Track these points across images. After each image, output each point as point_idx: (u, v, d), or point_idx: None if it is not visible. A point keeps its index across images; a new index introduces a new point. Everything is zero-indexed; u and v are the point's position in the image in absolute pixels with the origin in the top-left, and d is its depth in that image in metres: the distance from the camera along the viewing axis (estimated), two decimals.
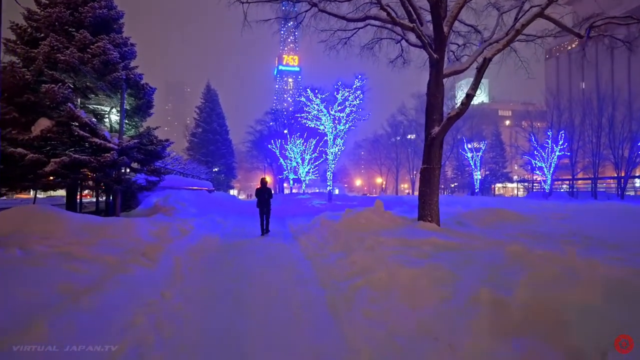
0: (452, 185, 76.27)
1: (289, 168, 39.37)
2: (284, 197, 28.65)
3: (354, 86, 20.26)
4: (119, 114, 13.79)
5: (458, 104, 9.03)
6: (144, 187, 13.71)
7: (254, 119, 56.06)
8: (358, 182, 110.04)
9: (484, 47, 10.56)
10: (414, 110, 58.52)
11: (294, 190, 48.34)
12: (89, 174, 12.01)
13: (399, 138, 66.54)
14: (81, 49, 12.10)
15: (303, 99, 21.56)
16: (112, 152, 11.30)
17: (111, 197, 13.86)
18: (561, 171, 45.12)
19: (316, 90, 21.51)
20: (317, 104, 21.00)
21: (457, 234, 7.46)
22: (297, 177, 40.66)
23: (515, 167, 72.45)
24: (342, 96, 20.50)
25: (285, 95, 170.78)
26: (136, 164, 14.36)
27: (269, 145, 40.90)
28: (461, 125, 55.76)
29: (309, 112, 21.34)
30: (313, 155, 34.46)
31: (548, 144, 34.85)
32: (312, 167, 35.11)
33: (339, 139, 21.40)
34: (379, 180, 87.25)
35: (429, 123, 9.08)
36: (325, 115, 20.93)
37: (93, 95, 12.74)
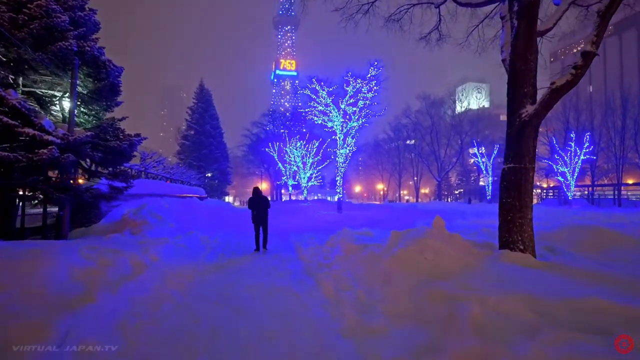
0: (456, 192, 73.51)
1: (288, 173, 36.19)
2: (283, 205, 25.45)
3: (368, 75, 17.14)
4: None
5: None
6: (105, 195, 10.48)
7: (250, 122, 52.95)
8: (357, 189, 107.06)
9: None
10: (419, 112, 55.59)
11: (292, 197, 45.10)
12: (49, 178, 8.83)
13: (401, 142, 63.57)
14: (15, 8, 8.97)
15: (307, 91, 18.44)
16: (50, 147, 8.08)
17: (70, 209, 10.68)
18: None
19: (322, 83, 18.40)
20: (324, 97, 17.85)
21: (595, 277, 4.31)
22: (296, 183, 37.52)
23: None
24: (353, 88, 17.41)
25: (282, 100, 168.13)
26: (105, 168, 11.19)
27: (267, 149, 37.71)
28: (468, 129, 53.02)
29: (315, 107, 18.17)
30: (316, 159, 31.28)
31: (571, 146, 31.92)
32: (315, 172, 31.89)
33: (349, 138, 18.21)
34: (380, 186, 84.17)
35: (517, 100, 5.97)
36: (334, 110, 17.76)
37: (34, 74, 9.56)
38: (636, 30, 64.18)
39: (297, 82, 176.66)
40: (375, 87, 17.48)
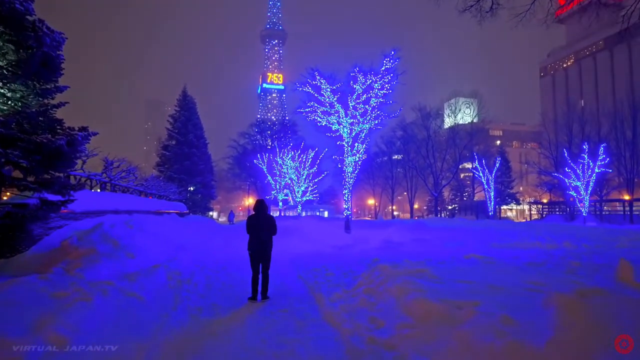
0: (450, 208, 71.22)
1: (278, 187, 33.00)
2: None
3: (382, 69, 14.23)
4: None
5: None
6: (29, 213, 7.21)
7: (237, 133, 49.76)
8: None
9: None
10: (414, 124, 53.42)
11: (282, 214, 41.73)
12: None
13: (395, 156, 61.15)
14: None
15: (309, 88, 15.36)
16: None
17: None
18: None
19: (322, 81, 15.34)
20: (328, 95, 14.82)
21: None
22: (286, 197, 34.36)
23: (521, 188, 68.00)
24: (362, 85, 14.50)
25: (269, 114, 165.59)
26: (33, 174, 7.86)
27: (255, 161, 34.50)
28: (466, 142, 51.13)
29: (317, 107, 15.06)
30: (311, 171, 28.19)
31: (584, 159, 29.77)
32: (312, 185, 28.75)
33: (358, 144, 15.13)
34: (371, 201, 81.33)
35: None
36: (340, 110, 14.69)
37: None
38: (627, 45, 64.21)
39: (284, 96, 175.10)
40: (388, 85, 14.60)
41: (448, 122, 61.10)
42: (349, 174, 15.48)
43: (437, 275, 5.57)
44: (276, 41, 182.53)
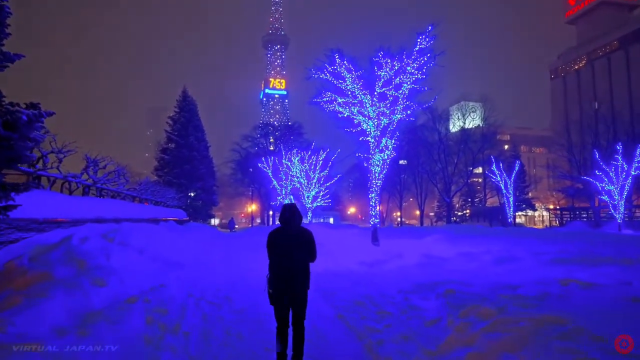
0: (460, 214, 68.76)
1: (284, 192, 30.69)
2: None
3: (416, 48, 11.90)
4: None
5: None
6: None
7: (239, 136, 47.52)
8: (351, 210, 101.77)
9: None
10: (425, 127, 51.11)
11: None
12: None
13: (401, 161, 58.77)
14: None
15: (327, 75, 12.99)
16: None
17: None
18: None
19: (345, 63, 12.94)
20: (350, 83, 12.48)
21: None
22: (293, 202, 32.03)
23: (530, 194, 65.62)
24: (390, 70, 12.21)
25: (271, 119, 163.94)
26: None
27: (260, 164, 32.24)
28: (481, 144, 48.92)
29: (337, 97, 12.68)
30: (322, 174, 25.83)
31: (617, 160, 27.35)
32: (323, 189, 26.36)
33: (386, 138, 12.74)
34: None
35: None
36: (366, 99, 12.33)
37: None
38: None
39: (286, 101, 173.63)
40: (418, 72, 12.28)
41: (457, 125, 59.19)
42: (377, 175, 13.11)
43: (600, 336, 3.18)
44: (278, 46, 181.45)
